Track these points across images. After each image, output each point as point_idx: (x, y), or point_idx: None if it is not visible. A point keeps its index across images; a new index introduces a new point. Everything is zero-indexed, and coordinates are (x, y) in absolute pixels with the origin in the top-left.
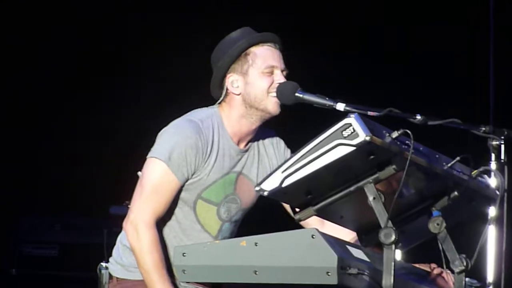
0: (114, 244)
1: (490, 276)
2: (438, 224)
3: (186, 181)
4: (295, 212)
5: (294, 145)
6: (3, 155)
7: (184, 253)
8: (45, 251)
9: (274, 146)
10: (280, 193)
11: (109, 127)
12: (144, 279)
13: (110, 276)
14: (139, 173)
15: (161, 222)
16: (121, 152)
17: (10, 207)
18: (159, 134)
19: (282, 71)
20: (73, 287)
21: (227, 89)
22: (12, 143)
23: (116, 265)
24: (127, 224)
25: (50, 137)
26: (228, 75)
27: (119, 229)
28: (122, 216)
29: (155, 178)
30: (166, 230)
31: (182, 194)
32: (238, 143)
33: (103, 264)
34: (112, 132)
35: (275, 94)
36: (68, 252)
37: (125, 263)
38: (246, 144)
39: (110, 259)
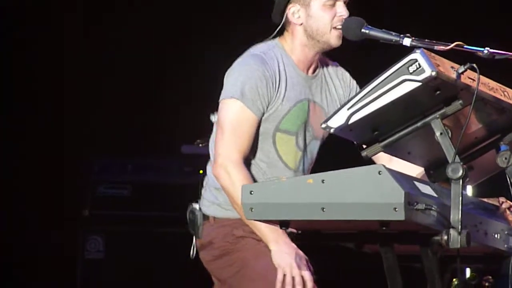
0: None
1: None
2: (506, 158)
3: (263, 115)
4: (362, 149)
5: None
6: (77, 98)
7: (251, 191)
8: (117, 191)
9: (340, 77)
10: (346, 130)
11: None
12: (243, 217)
13: (205, 217)
14: (211, 116)
15: (246, 162)
16: (191, 92)
17: (82, 148)
18: (226, 75)
19: (344, 2)
20: (146, 226)
21: (288, 18)
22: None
23: (212, 205)
24: (216, 169)
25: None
26: (289, 6)
27: (190, 168)
28: (194, 155)
29: (233, 117)
30: (253, 169)
31: (261, 130)
32: (305, 70)
33: (195, 205)
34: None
35: (340, 27)
36: (141, 192)
37: (221, 202)
38: (314, 71)
39: (202, 201)
